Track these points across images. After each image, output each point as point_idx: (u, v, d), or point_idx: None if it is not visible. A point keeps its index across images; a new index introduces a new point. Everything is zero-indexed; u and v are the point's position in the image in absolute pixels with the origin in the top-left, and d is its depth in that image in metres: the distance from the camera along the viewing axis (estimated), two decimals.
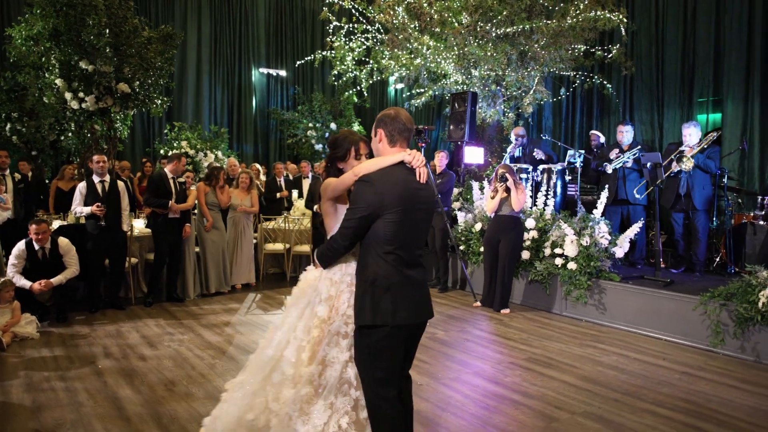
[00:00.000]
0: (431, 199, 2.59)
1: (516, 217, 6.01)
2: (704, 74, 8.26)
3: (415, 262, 2.47)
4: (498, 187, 5.84)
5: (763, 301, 4.46)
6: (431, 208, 2.59)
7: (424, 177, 2.47)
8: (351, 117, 13.63)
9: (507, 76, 8.78)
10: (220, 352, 4.77)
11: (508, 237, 5.94)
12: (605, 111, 9.72)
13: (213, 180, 6.84)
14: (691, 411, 3.64)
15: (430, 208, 2.58)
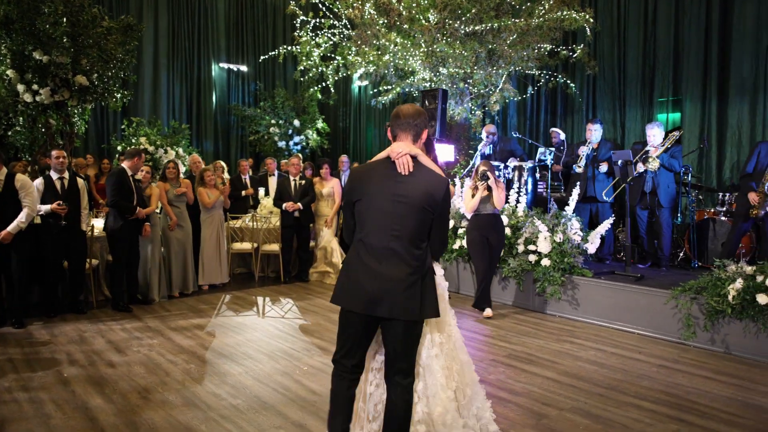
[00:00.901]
0: (415, 191, 2.48)
1: (498, 215, 5.89)
2: (664, 75, 8.51)
3: (384, 253, 2.47)
4: (479, 185, 5.66)
5: (732, 294, 4.61)
6: (416, 201, 2.47)
7: (404, 168, 2.48)
8: (315, 114, 13.45)
9: (475, 74, 8.82)
10: (194, 357, 4.58)
11: (496, 237, 5.80)
12: (569, 110, 9.90)
13: (167, 174, 6.59)
14: (673, 403, 3.71)
15: (414, 201, 2.47)
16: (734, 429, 3.33)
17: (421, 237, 2.52)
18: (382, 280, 2.46)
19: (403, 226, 2.48)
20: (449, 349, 2.85)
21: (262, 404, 3.64)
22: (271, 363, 4.43)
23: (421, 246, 2.52)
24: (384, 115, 13.07)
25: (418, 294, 2.48)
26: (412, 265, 2.47)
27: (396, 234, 2.47)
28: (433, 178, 2.53)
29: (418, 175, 2.50)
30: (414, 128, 2.58)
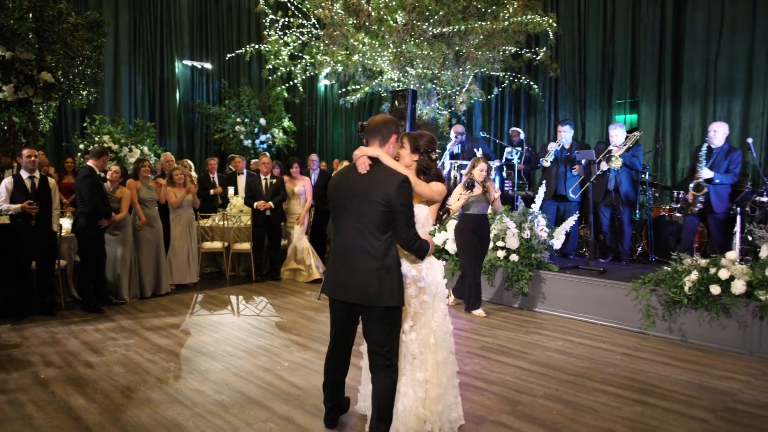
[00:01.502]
0: (370, 188, 2.78)
1: (486, 216, 5.91)
2: (622, 78, 8.90)
3: (349, 246, 2.83)
4: (462, 194, 5.54)
5: (688, 285, 4.92)
6: (371, 197, 2.77)
7: (362, 168, 2.83)
8: (281, 112, 13.42)
9: (442, 75, 9.01)
10: (173, 355, 4.59)
11: (486, 237, 5.89)
12: (532, 110, 10.22)
13: (139, 173, 6.53)
14: (636, 387, 3.96)
15: (370, 197, 2.77)
16: (692, 409, 3.59)
17: (380, 230, 2.79)
18: (348, 269, 2.83)
19: (362, 221, 2.80)
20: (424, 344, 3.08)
21: (247, 399, 3.71)
22: (252, 359, 4.49)
23: (380, 238, 2.79)
24: (351, 114, 13.16)
25: (377, 281, 2.76)
26: (373, 255, 2.78)
27: (357, 228, 2.81)
28: (389, 176, 2.80)
29: (375, 173, 2.82)
30: (380, 134, 2.90)
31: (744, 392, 3.88)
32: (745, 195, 6.16)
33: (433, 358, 3.08)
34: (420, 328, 3.07)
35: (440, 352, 3.12)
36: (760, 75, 7.55)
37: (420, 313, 3.07)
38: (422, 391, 3.05)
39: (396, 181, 2.77)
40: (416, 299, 3.05)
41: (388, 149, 2.92)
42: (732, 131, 7.79)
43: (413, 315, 3.07)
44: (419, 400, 3.05)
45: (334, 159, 11.90)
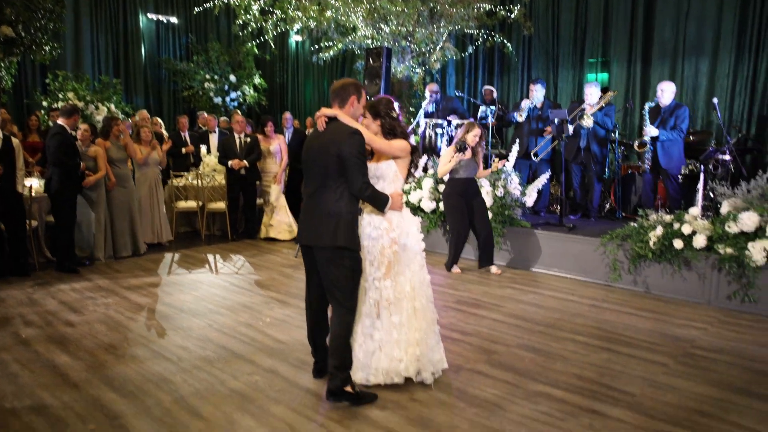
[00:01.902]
0: (325, 141, 3.03)
1: (473, 179, 5.93)
2: (594, 37, 8.97)
3: (310, 196, 3.11)
4: (455, 156, 5.57)
5: (653, 240, 5.15)
6: (324, 150, 3.00)
7: (319, 126, 3.12)
8: (251, 69, 13.14)
9: (416, 32, 8.93)
10: (154, 313, 4.64)
11: (478, 201, 5.90)
12: (505, 69, 10.24)
13: (110, 133, 6.40)
14: (603, 336, 4.19)
15: (324, 150, 3.01)
16: (654, 355, 3.83)
17: (334, 179, 3.01)
18: (308, 216, 3.11)
19: (319, 172, 3.05)
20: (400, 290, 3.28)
21: (232, 354, 3.80)
22: (233, 316, 4.57)
23: (333, 187, 3.02)
24: (324, 72, 12.97)
25: (327, 225, 2.99)
26: (326, 202, 3.02)
27: (317, 180, 3.06)
28: (340, 129, 3.03)
29: (330, 129, 3.08)
30: (339, 97, 3.15)
31: (701, 338, 4.15)
32: (709, 153, 6.39)
33: (411, 304, 3.28)
34: (395, 276, 3.26)
35: (418, 299, 3.32)
36: (727, 35, 7.70)
37: (393, 262, 3.26)
38: (396, 334, 3.25)
39: (346, 133, 3.00)
40: (389, 249, 3.25)
41: (348, 110, 3.14)
42: (699, 91, 8.03)
43: (387, 264, 3.26)
44: (393, 342, 3.25)
45: (307, 117, 11.77)
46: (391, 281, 3.26)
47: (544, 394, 3.23)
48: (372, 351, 3.28)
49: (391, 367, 3.24)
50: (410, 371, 3.27)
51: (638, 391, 3.27)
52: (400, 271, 3.28)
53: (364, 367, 3.27)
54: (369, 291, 3.27)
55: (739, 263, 4.71)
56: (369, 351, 3.28)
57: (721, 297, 4.91)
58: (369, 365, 3.27)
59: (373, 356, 3.28)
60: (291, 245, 7.35)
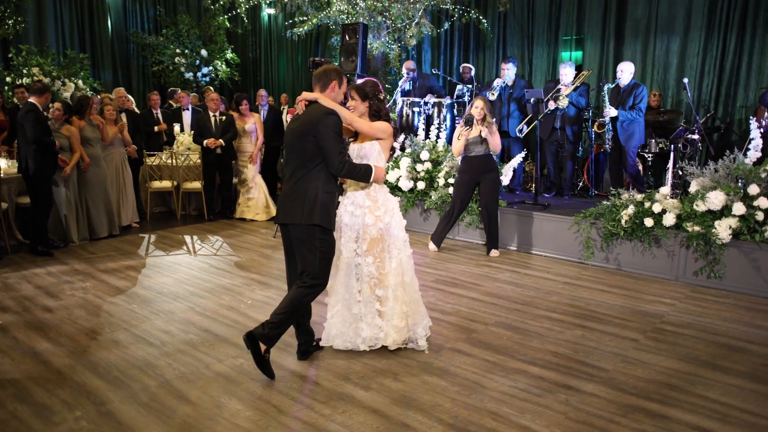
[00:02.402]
0: (302, 123, 3.16)
1: (490, 155, 5.76)
2: (569, 14, 9.02)
3: (288, 175, 3.23)
4: (462, 132, 5.50)
5: (625, 219, 5.30)
6: (302, 130, 3.14)
7: (299, 108, 3.24)
8: (223, 43, 12.86)
9: (392, 7, 8.84)
10: (134, 297, 4.62)
11: (489, 177, 5.77)
12: (480, 46, 10.24)
13: (86, 113, 6.24)
14: (577, 313, 4.34)
15: (301, 131, 3.14)
16: (625, 331, 3.99)
17: (310, 159, 3.14)
18: (285, 195, 3.23)
19: (296, 154, 3.19)
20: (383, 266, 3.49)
21: (215, 337, 3.83)
22: (215, 299, 4.58)
23: (309, 166, 3.15)
24: (298, 47, 12.76)
25: (300, 203, 3.12)
26: (304, 182, 3.15)
27: (293, 161, 3.22)
28: (317, 110, 3.14)
29: (308, 111, 3.20)
30: (321, 81, 3.28)
31: (670, 314, 4.33)
32: (678, 133, 6.56)
33: (399, 279, 3.49)
34: (380, 252, 3.46)
35: (406, 274, 3.55)
36: (698, 15, 7.83)
37: (377, 239, 3.44)
38: (379, 305, 3.50)
39: (321, 114, 3.11)
40: (373, 226, 3.43)
41: (329, 94, 3.26)
42: (669, 69, 8.18)
43: (370, 241, 3.44)
44: (375, 312, 3.50)
45: (282, 94, 11.61)
46: (373, 257, 3.44)
47: (522, 372, 3.36)
48: (351, 322, 3.51)
49: (371, 334, 3.52)
50: (389, 341, 3.52)
51: (611, 367, 3.42)
52: (385, 248, 3.46)
53: (341, 335, 3.53)
54: (351, 266, 3.45)
55: (706, 241, 4.89)
56: (348, 322, 3.51)
57: (689, 273, 5.10)
58: (351, 335, 3.51)
59: (353, 326, 3.51)
60: (269, 225, 7.34)
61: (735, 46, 7.58)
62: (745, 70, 7.56)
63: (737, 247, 4.83)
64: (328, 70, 3.29)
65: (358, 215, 3.42)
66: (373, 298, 3.48)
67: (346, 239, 3.45)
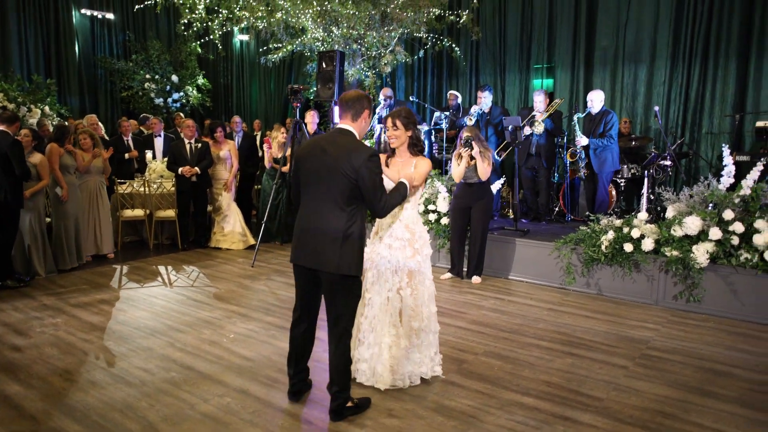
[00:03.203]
0: (338, 160, 2.86)
1: (485, 184, 5.76)
2: (540, 43, 9.25)
3: (318, 214, 2.93)
4: (462, 152, 5.39)
5: (605, 244, 5.37)
6: (339, 170, 2.85)
7: None
8: (194, 69, 12.75)
9: (368, 35, 8.91)
10: (109, 333, 4.42)
11: (480, 204, 5.76)
12: (453, 73, 10.40)
13: (66, 141, 6.06)
14: (565, 340, 4.34)
15: (337, 169, 2.85)
16: (614, 357, 4.00)
17: (345, 201, 2.91)
18: (312, 237, 2.97)
19: (329, 190, 2.92)
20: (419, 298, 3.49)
21: (199, 375, 3.68)
22: (195, 333, 4.42)
23: (345, 209, 2.92)
24: (271, 73, 12.73)
25: (337, 250, 2.89)
26: (335, 225, 2.91)
27: (324, 197, 2.95)
28: (356, 149, 2.91)
29: (342, 144, 2.95)
30: (352, 108, 3.02)
31: (655, 339, 4.37)
32: (651, 159, 6.73)
33: (428, 310, 3.52)
34: (416, 285, 3.45)
35: (432, 305, 3.58)
36: (663, 45, 8.13)
37: (415, 271, 3.43)
38: (416, 338, 3.47)
39: (365, 156, 2.84)
40: (412, 259, 3.42)
41: (360, 124, 3.02)
42: (637, 97, 8.44)
43: (409, 273, 3.42)
44: (415, 347, 3.48)
45: (255, 120, 11.53)
46: (411, 290, 3.44)
47: (517, 403, 3.31)
48: (400, 358, 3.43)
49: (414, 371, 3.49)
50: (428, 373, 3.56)
51: (604, 396, 3.41)
52: (420, 280, 3.47)
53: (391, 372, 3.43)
54: (391, 300, 3.41)
55: (684, 265, 4.98)
56: (397, 358, 3.43)
57: (668, 297, 5.18)
58: (401, 372, 3.43)
59: (400, 363, 3.43)
60: (245, 254, 7.19)
61: (699, 75, 7.87)
62: (709, 98, 7.85)
63: (714, 271, 4.93)
64: (360, 97, 3.02)
65: (397, 247, 3.39)
66: (410, 330, 3.45)
67: (384, 272, 3.41)
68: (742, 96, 7.59)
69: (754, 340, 4.36)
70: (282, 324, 4.60)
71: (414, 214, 3.50)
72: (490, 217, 6.00)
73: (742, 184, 4.96)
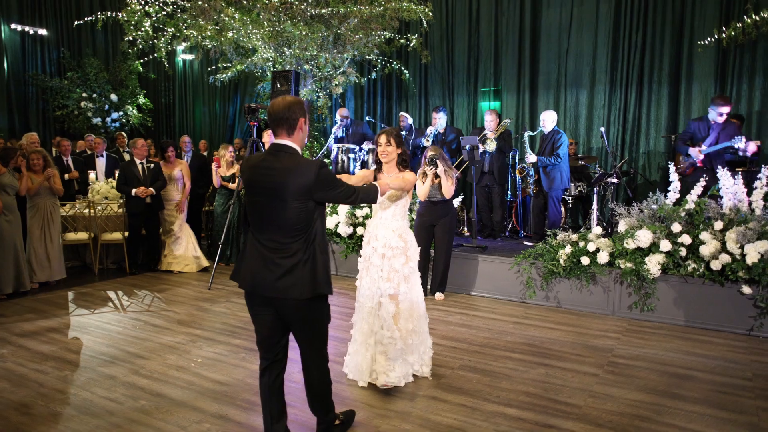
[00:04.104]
0: (285, 182, 2.55)
1: (448, 202, 5.74)
2: (486, 67, 9.59)
3: (271, 240, 2.60)
4: (427, 171, 5.25)
5: (563, 258, 5.58)
6: (288, 193, 2.55)
7: None
8: (135, 88, 12.33)
9: (320, 56, 8.95)
10: (65, 362, 4.13)
11: (443, 221, 5.75)
12: (403, 95, 10.59)
13: (10, 162, 5.69)
14: (535, 351, 4.44)
15: (286, 192, 2.55)
16: (584, 366, 4.14)
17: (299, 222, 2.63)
18: (260, 262, 2.65)
19: (275, 213, 2.64)
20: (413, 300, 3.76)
21: (171, 402, 3.49)
22: (159, 359, 4.21)
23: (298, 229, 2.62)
24: (216, 93, 12.50)
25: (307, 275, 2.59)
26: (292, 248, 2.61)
27: (268, 220, 2.68)
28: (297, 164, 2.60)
29: (282, 167, 2.61)
30: (285, 123, 2.61)
31: (618, 348, 4.55)
32: (599, 177, 7.08)
33: (418, 311, 3.72)
34: (410, 288, 3.70)
35: (422, 306, 3.83)
36: (601, 71, 8.63)
37: (408, 275, 3.68)
38: (411, 339, 3.67)
39: (313, 169, 2.56)
40: (406, 265, 3.67)
41: (299, 135, 2.65)
42: (580, 120, 8.88)
43: (405, 277, 3.67)
44: (409, 347, 3.69)
45: (201, 140, 11.25)
46: (407, 293, 3.67)
47: (500, 414, 3.35)
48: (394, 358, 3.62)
49: (408, 371, 3.70)
50: (425, 371, 3.84)
51: (582, 403, 3.51)
52: (413, 284, 3.72)
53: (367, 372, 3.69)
54: (384, 305, 3.58)
55: (638, 276, 5.24)
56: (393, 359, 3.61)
57: (624, 308, 5.42)
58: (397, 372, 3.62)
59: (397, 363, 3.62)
60: (200, 277, 6.95)
61: (635, 99, 8.40)
62: (645, 121, 8.38)
63: (665, 281, 5.21)
64: (290, 105, 2.60)
65: (390, 257, 3.60)
66: (407, 332, 3.64)
67: (377, 279, 3.61)
68: (674, 118, 8.15)
69: (707, 345, 4.63)
70: (251, 346, 4.46)
71: (405, 224, 3.76)
72: (454, 235, 6.07)
73: (687, 199, 5.31)
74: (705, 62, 7.86)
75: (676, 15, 8.06)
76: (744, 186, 5.29)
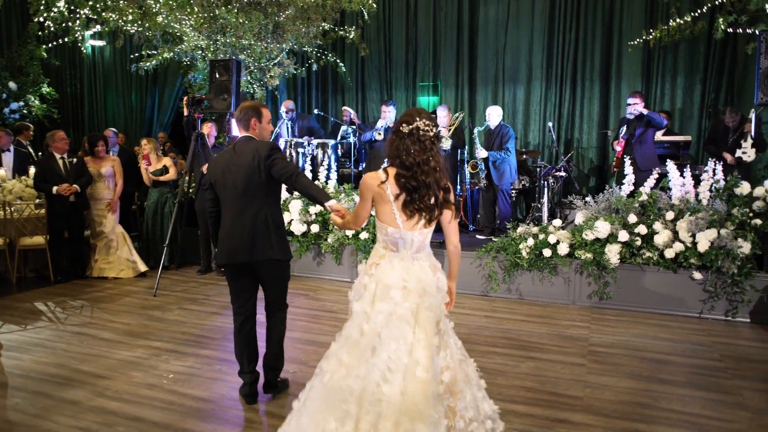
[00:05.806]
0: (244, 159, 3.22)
1: None
2: (425, 62, 9.61)
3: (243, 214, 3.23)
4: None
5: (526, 251, 5.67)
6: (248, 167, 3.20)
7: None
8: (38, 76, 11.10)
9: (257, 46, 8.51)
10: (12, 389, 3.58)
11: None
12: (339, 88, 10.37)
13: None
14: (516, 345, 4.45)
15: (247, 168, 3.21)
16: (569, 357, 4.20)
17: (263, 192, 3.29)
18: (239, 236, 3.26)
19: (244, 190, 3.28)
20: None
21: (153, 425, 3.12)
22: (124, 377, 3.76)
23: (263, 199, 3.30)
24: (132, 82, 11.56)
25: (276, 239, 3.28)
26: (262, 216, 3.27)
27: (239, 198, 3.29)
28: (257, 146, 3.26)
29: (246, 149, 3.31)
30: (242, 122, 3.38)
31: (592, 336, 4.67)
32: (548, 171, 7.29)
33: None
34: None
35: None
36: (537, 67, 8.91)
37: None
38: None
39: (268, 146, 3.24)
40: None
41: (253, 131, 3.37)
42: (517, 115, 9.11)
43: None
44: None
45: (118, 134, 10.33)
46: None
47: (509, 411, 3.30)
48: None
49: None
50: None
51: (582, 394, 3.55)
52: None
53: None
54: None
55: (598, 265, 5.43)
56: None
57: (583, 297, 5.60)
58: None
59: None
60: (138, 282, 6.37)
61: (570, 95, 8.76)
62: (578, 116, 8.76)
63: (623, 269, 5.44)
64: (243, 109, 3.37)
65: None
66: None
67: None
68: (605, 113, 8.59)
69: (669, 329, 4.87)
70: (225, 357, 4.11)
71: None
72: None
73: (641, 191, 5.57)
74: (633, 62, 8.34)
75: (606, 15, 8.48)
76: (681, 177, 5.63)
